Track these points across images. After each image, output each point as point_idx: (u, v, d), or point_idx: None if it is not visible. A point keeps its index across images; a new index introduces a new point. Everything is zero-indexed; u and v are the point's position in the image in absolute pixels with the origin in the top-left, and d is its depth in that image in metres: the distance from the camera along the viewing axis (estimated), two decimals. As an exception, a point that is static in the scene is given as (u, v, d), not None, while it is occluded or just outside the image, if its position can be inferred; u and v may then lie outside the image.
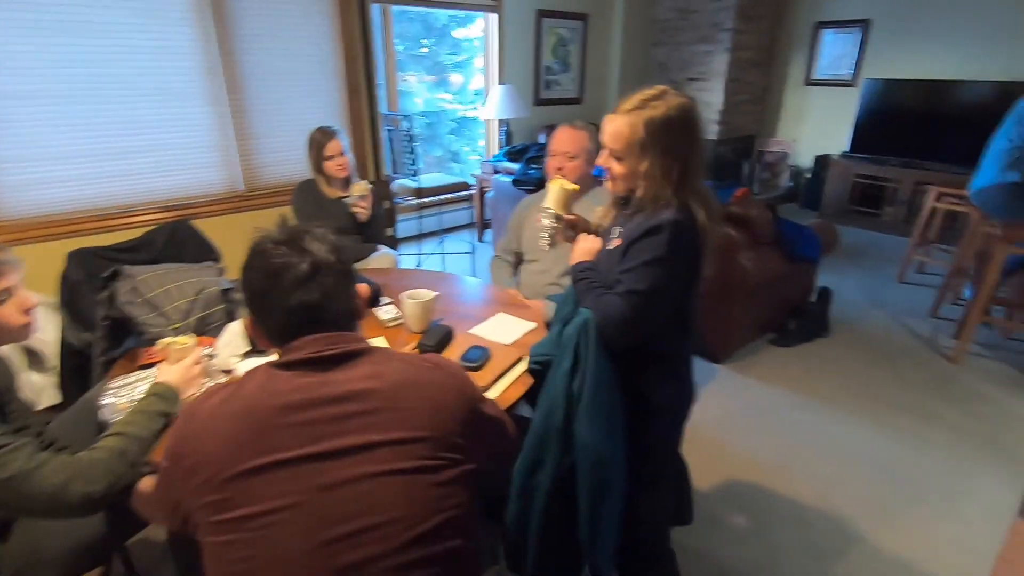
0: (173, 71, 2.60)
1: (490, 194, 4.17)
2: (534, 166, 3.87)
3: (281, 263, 0.80)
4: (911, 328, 3.19)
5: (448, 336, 1.52)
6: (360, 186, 2.32)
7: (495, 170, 4.33)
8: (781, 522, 1.84)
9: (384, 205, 2.79)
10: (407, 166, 3.78)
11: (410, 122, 3.53)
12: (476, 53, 4.85)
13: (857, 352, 2.93)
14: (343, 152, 2.33)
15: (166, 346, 1.25)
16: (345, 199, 2.35)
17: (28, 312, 1.07)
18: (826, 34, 5.22)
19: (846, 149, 5.15)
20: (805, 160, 5.57)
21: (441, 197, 4.17)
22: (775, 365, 2.81)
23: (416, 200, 3.82)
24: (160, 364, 1.25)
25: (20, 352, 1.95)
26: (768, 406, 2.47)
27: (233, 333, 1.42)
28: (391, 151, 3.94)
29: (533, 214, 2.00)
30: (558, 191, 1.38)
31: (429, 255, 4.20)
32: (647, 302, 1.10)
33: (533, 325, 1.62)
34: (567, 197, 1.39)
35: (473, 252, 4.16)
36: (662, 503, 1.34)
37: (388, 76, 4.38)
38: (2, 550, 1.10)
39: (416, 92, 5.02)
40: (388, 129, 3.83)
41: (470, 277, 1.97)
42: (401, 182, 3.91)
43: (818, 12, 5.21)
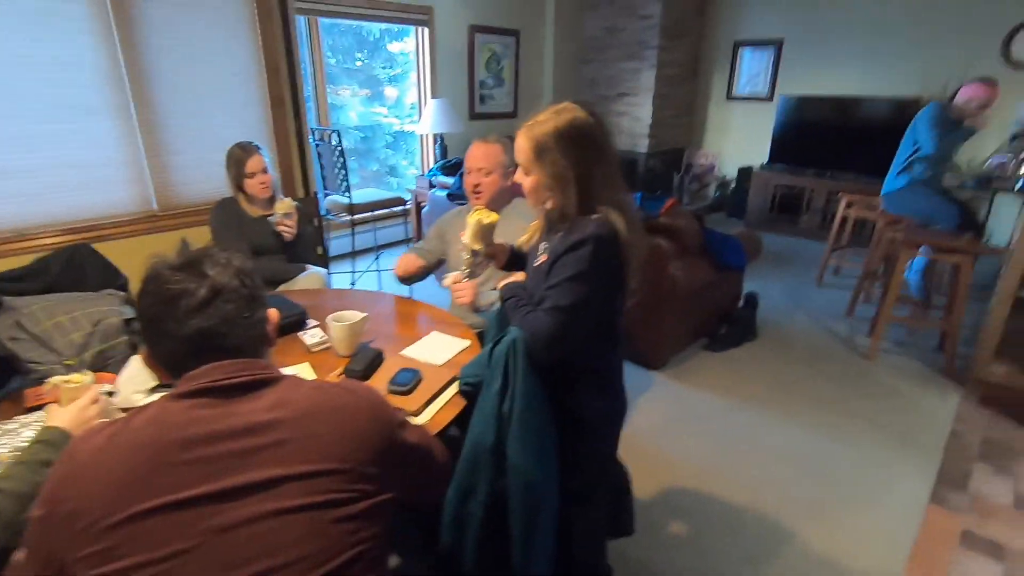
0: (69, 83, 2.39)
1: (426, 209, 4.12)
2: (469, 180, 3.86)
3: (177, 289, 0.74)
4: (830, 328, 3.38)
5: (378, 359, 1.46)
6: (284, 204, 2.22)
7: (431, 184, 4.29)
8: (717, 526, 1.88)
9: (313, 222, 2.69)
10: (339, 182, 3.68)
11: (340, 136, 3.44)
12: (411, 67, 4.81)
13: (783, 354, 3.07)
14: (265, 169, 2.23)
15: (56, 385, 1.12)
16: (269, 217, 2.25)
17: None
18: (745, 52, 5.53)
19: (766, 161, 5.45)
20: (730, 171, 5.86)
21: (375, 213, 4.08)
22: (708, 370, 2.90)
23: (349, 216, 3.72)
24: (49, 406, 1.12)
25: None
26: (703, 411, 2.54)
27: (137, 367, 1.31)
28: (321, 166, 3.83)
29: (457, 231, 1.96)
30: (475, 225, 1.38)
31: (364, 273, 4.09)
32: (572, 317, 1.10)
33: (467, 344, 1.59)
34: (485, 230, 1.39)
35: (411, 268, 4.08)
36: (596, 519, 1.34)
37: (318, 89, 4.26)
38: None
39: (350, 106, 4.92)
40: (317, 144, 3.72)
41: (405, 296, 1.91)
42: (332, 198, 3.80)
43: (736, 31, 5.52)
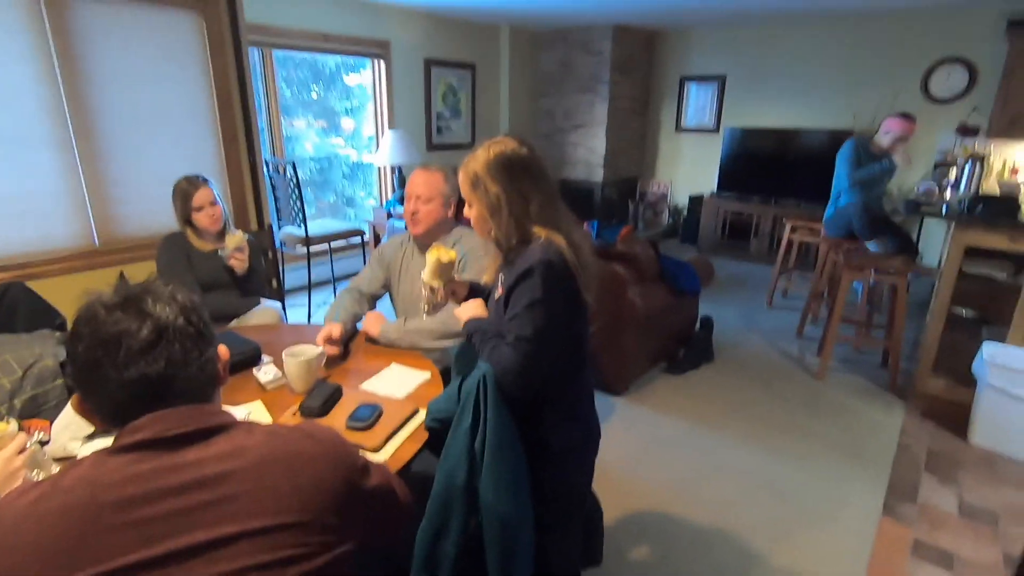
0: (5, 113, 2.26)
1: (384, 239, 4.08)
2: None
3: (116, 331, 0.69)
4: (782, 349, 3.50)
5: (336, 395, 1.41)
6: (235, 237, 2.15)
7: (388, 215, 4.26)
8: (683, 549, 1.87)
9: (267, 255, 2.62)
10: (294, 213, 3.62)
11: (295, 168, 3.40)
12: (368, 99, 4.82)
13: (739, 375, 3.15)
14: (214, 202, 2.16)
15: (-22, 437, 1.04)
16: (220, 251, 2.18)
17: None
18: (691, 87, 5.80)
19: (715, 189, 5.68)
20: (682, 199, 6.07)
21: (332, 244, 4.02)
22: (668, 393, 2.94)
23: (304, 248, 3.65)
24: (-31, 460, 1.04)
25: None
26: (664, 435, 2.56)
27: (73, 413, 1.22)
28: (276, 198, 3.76)
29: (405, 264, 1.92)
30: (434, 263, 1.37)
31: (321, 306, 3.99)
32: (536, 346, 1.09)
33: (427, 375, 1.56)
34: (444, 268, 1.38)
35: (369, 299, 4.01)
36: (571, 549, 1.31)
37: (272, 121, 4.21)
38: None
39: (306, 136, 4.87)
40: (272, 176, 3.65)
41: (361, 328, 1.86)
42: (288, 230, 3.73)
43: (682, 67, 5.80)
